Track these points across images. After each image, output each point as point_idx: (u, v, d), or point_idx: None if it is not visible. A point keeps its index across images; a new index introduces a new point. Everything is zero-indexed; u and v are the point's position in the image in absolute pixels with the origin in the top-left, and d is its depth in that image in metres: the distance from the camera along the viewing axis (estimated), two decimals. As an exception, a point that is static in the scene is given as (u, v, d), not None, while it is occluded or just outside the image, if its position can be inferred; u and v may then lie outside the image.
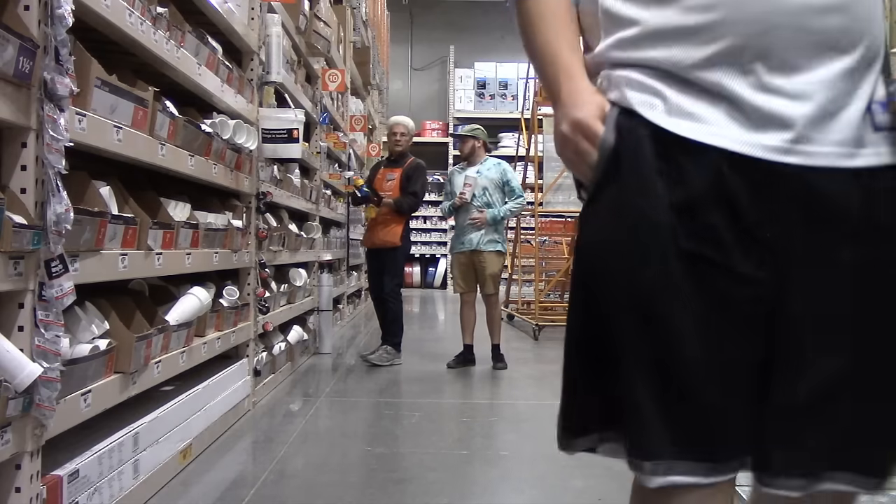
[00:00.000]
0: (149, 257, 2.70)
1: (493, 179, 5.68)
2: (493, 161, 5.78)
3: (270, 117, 4.29)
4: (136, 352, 2.55)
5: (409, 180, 5.79)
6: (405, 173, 5.80)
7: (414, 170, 5.83)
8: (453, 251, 5.86)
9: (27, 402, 1.92)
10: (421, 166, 5.89)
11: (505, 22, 15.77)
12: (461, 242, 5.73)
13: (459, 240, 5.76)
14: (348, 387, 5.07)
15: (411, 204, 5.80)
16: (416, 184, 5.80)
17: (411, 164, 5.86)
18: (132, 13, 2.51)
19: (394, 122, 6.04)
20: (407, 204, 5.76)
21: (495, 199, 5.66)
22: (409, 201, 5.77)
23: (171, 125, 2.90)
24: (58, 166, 1.96)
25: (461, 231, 5.76)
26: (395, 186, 5.80)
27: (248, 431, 3.76)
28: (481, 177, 5.64)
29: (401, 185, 5.79)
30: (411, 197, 5.77)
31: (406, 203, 5.75)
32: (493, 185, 5.66)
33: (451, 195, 5.79)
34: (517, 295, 9.25)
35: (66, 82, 1.97)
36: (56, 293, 1.98)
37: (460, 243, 5.74)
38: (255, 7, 4.18)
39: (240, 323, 3.94)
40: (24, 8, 1.92)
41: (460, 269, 5.75)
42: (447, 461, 3.32)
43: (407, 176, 5.80)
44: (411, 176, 5.80)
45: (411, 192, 5.77)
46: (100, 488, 2.35)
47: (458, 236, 5.80)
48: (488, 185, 5.65)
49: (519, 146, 11.31)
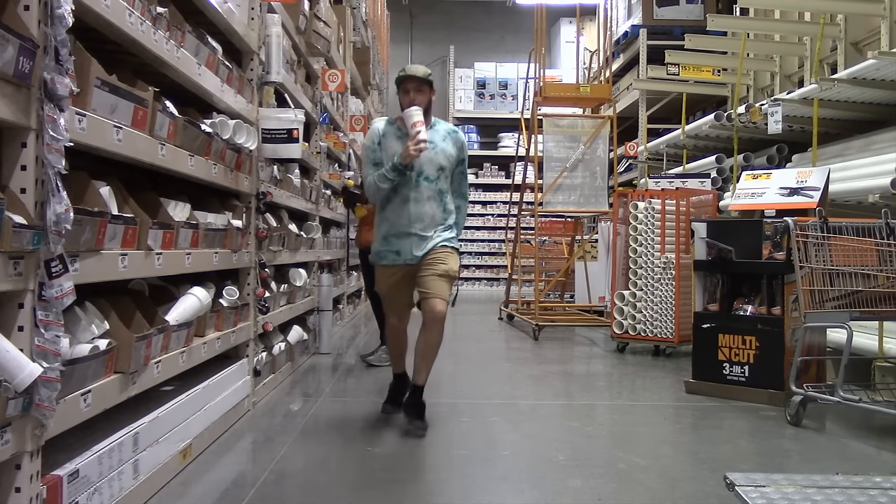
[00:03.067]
0: (149, 257, 2.70)
1: (451, 156, 3.86)
2: (445, 126, 3.96)
3: (270, 117, 4.29)
4: (136, 352, 2.55)
5: None
6: None
7: None
8: (381, 260, 3.90)
9: (27, 402, 1.92)
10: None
11: (505, 22, 15.79)
12: (394, 250, 3.82)
13: (390, 244, 3.84)
14: (348, 387, 5.07)
15: None
16: None
17: None
18: (132, 13, 2.51)
19: None
20: None
21: (446, 188, 3.86)
22: None
23: (171, 125, 2.90)
24: (58, 166, 1.96)
25: (395, 227, 3.81)
26: None
27: (248, 431, 3.76)
28: (435, 150, 3.79)
29: None
30: None
31: None
32: (448, 162, 3.84)
33: (379, 165, 3.81)
34: (517, 295, 9.25)
35: (66, 82, 1.97)
36: (56, 293, 1.98)
37: (393, 251, 3.83)
38: (254, 7, 4.18)
39: (240, 323, 3.94)
40: (24, 8, 1.92)
41: (394, 287, 3.90)
42: (447, 461, 3.32)
43: None
44: None
45: None
46: (100, 488, 2.35)
47: (386, 238, 3.85)
48: (445, 163, 3.82)
49: (519, 146, 11.31)
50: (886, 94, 5.01)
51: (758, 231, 4.55)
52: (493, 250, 15.08)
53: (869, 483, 2.49)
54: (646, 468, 3.21)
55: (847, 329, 3.72)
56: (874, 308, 3.74)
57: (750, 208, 4.81)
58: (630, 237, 6.51)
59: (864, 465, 3.30)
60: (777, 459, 3.41)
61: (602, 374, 5.71)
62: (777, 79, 7.45)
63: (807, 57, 6.73)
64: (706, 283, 4.82)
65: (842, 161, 5.23)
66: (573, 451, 3.47)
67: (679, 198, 6.42)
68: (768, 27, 7.26)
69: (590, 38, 12.76)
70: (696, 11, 9.59)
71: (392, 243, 3.83)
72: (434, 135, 3.84)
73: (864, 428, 3.93)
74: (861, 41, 5.96)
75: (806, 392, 3.88)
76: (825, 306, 3.81)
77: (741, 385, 4.51)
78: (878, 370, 4.47)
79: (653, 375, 5.52)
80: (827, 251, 3.84)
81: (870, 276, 3.77)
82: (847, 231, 3.87)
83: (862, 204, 4.89)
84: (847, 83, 4.88)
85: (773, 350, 4.41)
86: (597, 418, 4.22)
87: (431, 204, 3.79)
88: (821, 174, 4.61)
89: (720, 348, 4.60)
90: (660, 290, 6.28)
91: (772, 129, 5.54)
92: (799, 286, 3.86)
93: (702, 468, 3.23)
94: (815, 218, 3.98)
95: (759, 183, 4.84)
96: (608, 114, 8.48)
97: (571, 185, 8.06)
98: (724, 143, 7.47)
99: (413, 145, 3.65)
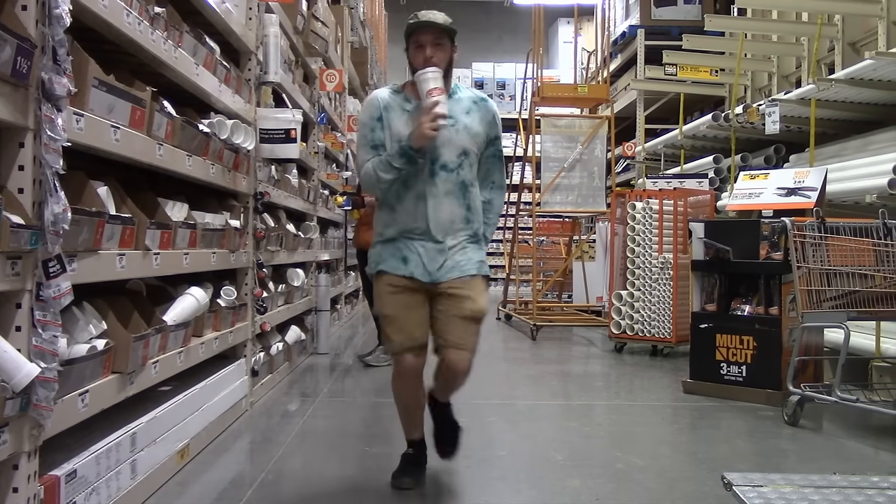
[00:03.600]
0: (146, 257, 2.70)
1: (477, 134, 2.88)
2: (470, 93, 2.98)
3: (268, 117, 4.29)
4: (134, 352, 2.54)
5: None
6: None
7: None
8: (380, 267, 2.86)
9: (25, 403, 1.91)
10: None
11: (503, 22, 15.80)
12: (402, 258, 2.81)
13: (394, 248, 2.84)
14: (346, 387, 5.06)
15: None
16: None
17: None
18: (130, 13, 2.51)
19: None
20: None
21: (471, 178, 2.87)
22: None
23: (169, 125, 2.89)
24: (55, 166, 1.96)
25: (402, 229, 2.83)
26: None
27: (245, 431, 3.75)
28: (456, 127, 2.81)
29: None
30: None
31: None
32: (474, 144, 2.87)
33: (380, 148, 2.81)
34: (515, 295, 9.25)
35: (64, 82, 1.97)
36: (53, 293, 1.98)
37: (397, 257, 2.82)
38: (252, 7, 4.18)
39: (237, 323, 3.94)
40: (22, 8, 1.92)
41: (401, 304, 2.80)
42: (445, 461, 3.32)
43: None
44: None
45: None
46: (97, 488, 2.35)
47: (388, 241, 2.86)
48: (469, 144, 2.85)
49: (517, 146, 11.31)
50: (884, 94, 5.01)
51: (755, 231, 4.55)
52: (491, 250, 15.07)
53: (866, 483, 2.50)
54: (644, 468, 3.22)
55: (844, 329, 3.72)
56: (871, 308, 3.75)
57: (747, 208, 4.81)
58: (628, 237, 6.51)
59: (861, 465, 3.30)
60: (774, 459, 3.42)
61: (600, 375, 5.72)
62: (774, 79, 7.45)
63: (804, 57, 6.74)
64: (704, 283, 4.82)
65: (839, 161, 5.23)
66: (571, 452, 3.47)
67: (677, 198, 6.43)
68: (766, 27, 7.27)
69: (587, 38, 12.78)
70: (693, 12, 9.59)
71: (398, 248, 2.81)
72: (455, 106, 2.83)
73: (862, 428, 3.94)
74: (858, 41, 5.96)
75: (803, 392, 3.89)
76: (822, 306, 3.81)
77: (739, 385, 4.51)
78: (876, 370, 4.48)
79: (650, 375, 5.53)
80: (824, 251, 3.84)
81: (867, 276, 3.77)
82: (844, 231, 3.87)
83: (859, 204, 4.89)
84: (844, 83, 4.88)
85: (770, 350, 4.41)
86: (595, 418, 4.22)
87: (451, 202, 2.80)
88: (818, 174, 4.61)
89: (718, 348, 4.60)
90: (657, 291, 6.29)
91: (769, 129, 5.55)
92: (796, 286, 3.86)
93: (700, 468, 3.23)
94: (812, 218, 3.99)
95: (756, 183, 4.84)
96: (606, 114, 8.49)
97: (569, 186, 8.06)
98: (721, 144, 7.48)
99: (429, 122, 2.68)
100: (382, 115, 2.84)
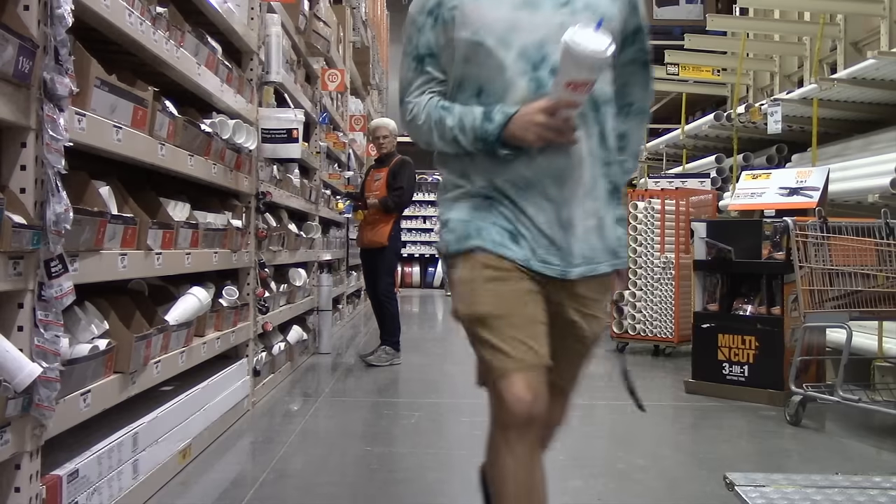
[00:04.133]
0: (148, 257, 2.70)
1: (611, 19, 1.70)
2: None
3: (270, 117, 4.29)
4: (136, 352, 2.55)
5: (395, 177, 5.79)
6: (391, 171, 5.81)
7: (399, 166, 5.83)
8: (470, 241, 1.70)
9: (27, 402, 1.91)
10: (406, 162, 5.88)
11: (504, 22, 15.77)
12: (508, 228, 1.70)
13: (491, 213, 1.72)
14: (348, 387, 5.07)
15: (397, 201, 5.79)
16: (402, 178, 5.79)
17: (397, 161, 5.86)
18: (132, 13, 2.51)
19: (376, 126, 6.05)
20: (392, 201, 5.76)
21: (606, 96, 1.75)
22: (394, 198, 5.76)
23: (171, 125, 2.89)
24: (57, 166, 1.96)
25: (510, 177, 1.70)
26: (382, 186, 5.81)
27: (247, 431, 3.75)
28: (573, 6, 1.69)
29: (387, 183, 5.79)
30: (396, 193, 5.76)
31: (391, 201, 5.75)
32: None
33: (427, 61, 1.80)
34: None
35: (66, 82, 1.97)
36: (55, 293, 1.98)
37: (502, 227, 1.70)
38: (254, 7, 4.18)
39: (239, 323, 3.94)
40: (24, 8, 1.92)
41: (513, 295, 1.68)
42: (447, 461, 3.32)
43: (393, 174, 5.80)
44: (397, 173, 5.80)
45: (397, 187, 5.77)
46: (99, 488, 2.35)
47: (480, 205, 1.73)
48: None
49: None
50: (886, 93, 5.01)
51: (757, 231, 4.55)
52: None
53: (868, 483, 2.49)
54: (646, 468, 3.21)
55: (846, 329, 3.72)
56: (873, 308, 3.74)
57: (749, 208, 4.81)
58: (630, 237, 6.51)
59: (863, 465, 3.30)
60: (776, 459, 3.41)
61: (602, 374, 5.71)
62: (777, 79, 7.45)
63: (806, 57, 6.74)
64: (706, 282, 4.82)
65: (841, 161, 5.23)
66: (573, 451, 3.46)
67: (679, 198, 6.43)
68: (768, 27, 7.27)
69: (589, 37, 12.73)
70: (695, 11, 9.60)
71: (499, 212, 1.71)
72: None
73: (864, 428, 3.93)
74: (861, 41, 5.96)
75: (805, 392, 3.88)
76: (825, 306, 3.81)
77: (741, 385, 4.51)
78: (878, 370, 4.47)
79: (652, 375, 5.52)
80: (826, 251, 3.84)
81: (869, 276, 3.77)
82: (846, 231, 3.87)
83: (861, 204, 4.89)
84: (846, 83, 4.88)
85: (772, 350, 4.40)
86: (596, 418, 4.22)
87: (589, 146, 1.72)
88: (820, 174, 4.61)
89: (720, 348, 4.60)
90: (659, 290, 6.28)
91: (771, 128, 5.54)
92: (798, 286, 3.86)
93: (701, 468, 3.23)
94: (814, 218, 3.98)
95: (758, 183, 4.84)
96: (608, 114, 8.46)
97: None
98: (723, 143, 7.47)
99: (548, 127, 1.61)
100: (443, 2, 1.75)
